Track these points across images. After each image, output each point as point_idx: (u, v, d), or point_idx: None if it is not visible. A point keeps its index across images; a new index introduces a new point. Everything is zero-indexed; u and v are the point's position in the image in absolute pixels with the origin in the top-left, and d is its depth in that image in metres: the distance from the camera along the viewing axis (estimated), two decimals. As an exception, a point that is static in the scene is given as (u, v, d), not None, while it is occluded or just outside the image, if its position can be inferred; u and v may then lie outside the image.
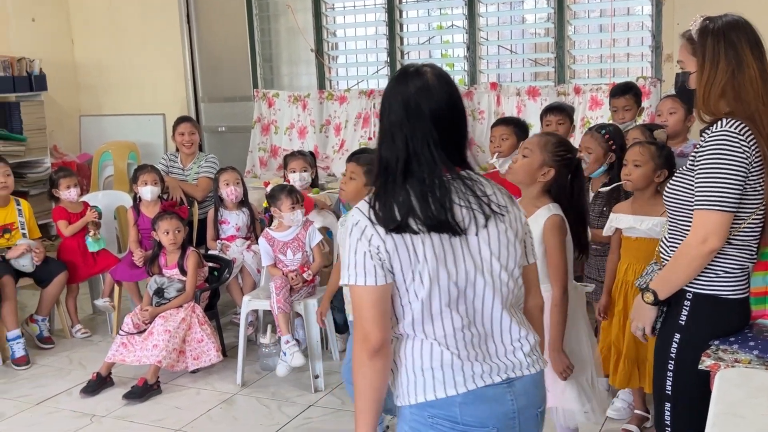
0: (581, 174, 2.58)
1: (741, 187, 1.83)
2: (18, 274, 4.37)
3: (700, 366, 1.81)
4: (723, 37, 1.91)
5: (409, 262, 1.41)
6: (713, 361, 1.75)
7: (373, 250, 1.40)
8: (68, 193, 4.70)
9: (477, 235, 1.46)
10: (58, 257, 4.67)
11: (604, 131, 3.54)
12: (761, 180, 1.86)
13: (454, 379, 1.44)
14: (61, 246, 4.73)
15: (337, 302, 3.99)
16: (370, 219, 1.42)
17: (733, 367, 1.71)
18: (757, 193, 1.86)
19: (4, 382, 4.06)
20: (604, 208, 3.22)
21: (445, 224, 1.40)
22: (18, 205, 4.55)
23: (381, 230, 1.39)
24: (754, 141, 1.81)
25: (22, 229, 4.50)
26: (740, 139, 1.81)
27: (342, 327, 4.19)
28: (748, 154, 1.81)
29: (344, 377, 3.10)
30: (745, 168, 1.82)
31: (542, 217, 2.44)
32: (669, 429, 2.08)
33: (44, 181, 5.52)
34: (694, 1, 4.55)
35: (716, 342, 1.84)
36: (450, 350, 1.45)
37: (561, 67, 5.19)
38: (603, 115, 4.81)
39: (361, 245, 1.41)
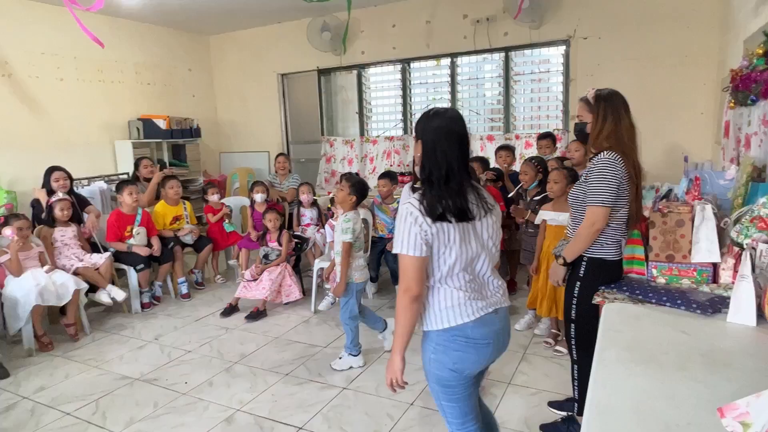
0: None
1: (616, 192, 1.86)
2: (183, 245, 4.52)
3: (593, 301, 1.83)
4: (608, 101, 1.93)
5: (444, 240, 1.41)
6: (601, 299, 1.78)
7: (422, 233, 1.38)
8: (213, 198, 4.83)
9: (480, 222, 1.48)
10: (207, 235, 4.75)
11: (535, 161, 3.61)
12: (627, 188, 1.90)
13: (467, 312, 1.45)
14: (209, 229, 4.81)
15: (372, 262, 4.09)
16: (421, 211, 1.40)
17: (613, 302, 1.72)
18: (625, 195, 1.91)
19: (177, 308, 4.17)
20: (537, 207, 3.22)
21: (465, 216, 1.43)
22: (184, 204, 4.64)
23: (429, 219, 1.39)
24: (623, 165, 1.86)
25: (186, 219, 4.60)
26: (616, 164, 1.86)
27: (374, 278, 4.18)
28: (621, 173, 1.86)
29: (342, 320, 3.03)
30: (618, 180, 1.86)
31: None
32: (573, 340, 2.08)
33: (199, 191, 5.61)
34: (588, 82, 4.60)
35: (603, 287, 1.85)
36: (464, 293, 1.46)
37: (507, 123, 5.20)
38: (533, 152, 4.87)
39: (414, 229, 1.39)
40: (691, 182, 2.25)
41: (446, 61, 5.45)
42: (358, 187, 2.96)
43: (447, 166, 1.42)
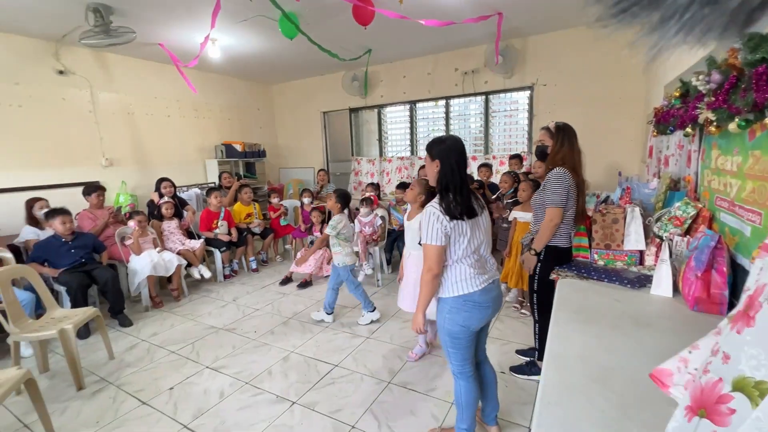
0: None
1: (566, 196, 1.85)
2: (253, 234, 4.51)
3: (550, 277, 1.80)
4: (564, 131, 1.91)
5: (459, 232, 1.42)
6: (556, 275, 1.75)
7: (442, 228, 1.39)
8: (274, 200, 4.87)
9: (480, 218, 1.50)
10: (270, 226, 4.74)
11: (512, 174, 3.60)
12: (574, 194, 1.89)
13: (475, 283, 1.46)
14: (271, 222, 4.80)
15: (386, 246, 4.08)
16: (441, 212, 1.40)
17: (565, 278, 1.70)
18: (573, 199, 1.90)
19: (248, 278, 4.16)
20: (510, 207, 3.17)
21: (472, 214, 1.45)
22: (254, 205, 4.66)
23: (447, 218, 1.40)
24: (571, 177, 1.86)
25: (255, 215, 4.61)
26: (566, 176, 1.85)
27: (388, 260, 4.11)
28: (569, 183, 1.85)
29: (350, 292, 2.98)
30: (567, 188, 1.85)
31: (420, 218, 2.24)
32: (535, 306, 2.05)
33: (264, 195, 5.64)
34: (548, 117, 4.54)
35: (557, 267, 1.81)
36: (473, 270, 1.46)
37: (486, 146, 5.15)
38: (506, 168, 4.81)
39: (437, 225, 1.39)
40: (624, 191, 2.22)
41: (442, 102, 5.40)
42: (342, 198, 3.01)
43: (459, 177, 1.44)
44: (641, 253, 1.80)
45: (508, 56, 4.46)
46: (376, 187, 4.68)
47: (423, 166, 3.97)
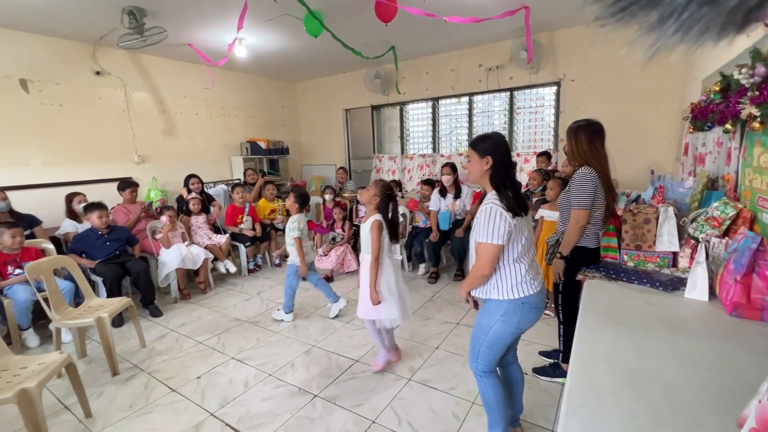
0: (395, 201, 2.24)
1: (592, 197, 1.79)
2: (276, 230, 4.56)
3: (576, 278, 1.75)
4: (579, 130, 1.84)
5: (520, 230, 1.37)
6: (583, 276, 1.70)
7: (506, 225, 1.32)
8: (297, 197, 5.02)
9: (528, 216, 1.44)
10: None
11: (542, 172, 3.53)
12: (601, 195, 1.83)
13: (533, 285, 1.41)
14: None
15: (416, 242, 4.02)
16: (504, 209, 1.33)
17: (592, 279, 1.66)
18: (600, 200, 1.83)
19: (271, 273, 4.22)
20: (538, 206, 3.07)
21: (526, 213, 1.40)
22: (278, 201, 4.76)
23: (510, 214, 1.33)
24: (596, 177, 1.80)
25: (279, 211, 4.70)
26: (591, 176, 1.79)
27: (419, 256, 4.00)
28: (595, 183, 1.78)
29: (286, 285, 2.97)
30: (593, 188, 1.79)
31: (371, 221, 2.13)
32: (560, 306, 2.01)
33: (287, 192, 5.85)
34: (575, 113, 4.42)
35: (584, 268, 1.76)
36: (530, 271, 1.41)
37: (510, 143, 5.06)
38: (531, 166, 4.73)
39: (500, 223, 1.31)
40: (656, 190, 2.13)
41: (465, 99, 5.34)
42: (300, 197, 2.95)
43: (512, 173, 1.41)
44: (674, 254, 1.73)
45: (535, 51, 4.35)
46: (397, 184, 4.68)
47: (446, 164, 3.95)
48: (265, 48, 4.59)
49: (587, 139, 1.82)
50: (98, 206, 3.23)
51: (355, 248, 4.30)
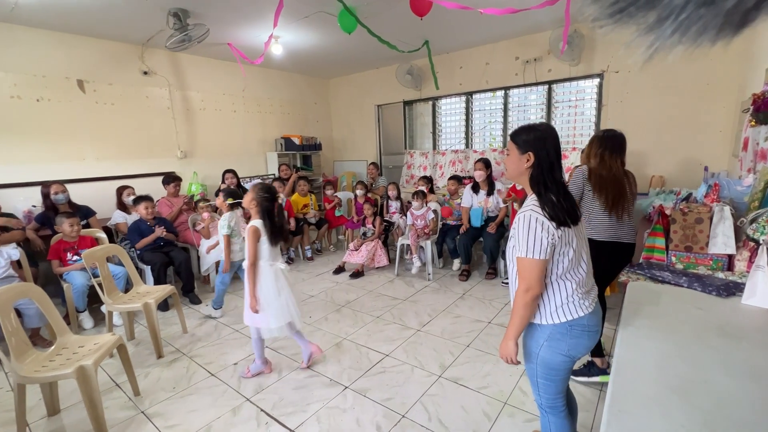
0: (281, 207, 2.17)
1: (578, 189, 1.95)
2: (309, 224, 4.66)
3: (619, 280, 1.69)
4: (591, 144, 1.94)
5: (566, 241, 1.14)
6: (626, 278, 1.65)
7: (549, 237, 1.11)
8: (329, 192, 5.01)
9: (581, 223, 1.23)
10: (325, 217, 4.87)
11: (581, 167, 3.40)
12: (591, 189, 1.97)
13: (584, 304, 1.19)
14: (326, 213, 4.93)
15: (448, 238, 3.99)
16: (546, 217, 1.12)
17: (635, 281, 1.61)
18: (591, 193, 1.97)
19: (304, 266, 4.32)
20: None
21: (576, 221, 1.18)
22: (310, 196, 4.82)
23: (554, 224, 1.12)
24: (583, 173, 1.97)
25: (311, 206, 4.76)
26: (580, 172, 1.96)
27: (453, 252, 3.98)
28: (583, 178, 1.96)
29: (217, 283, 3.01)
30: (581, 183, 1.95)
31: (248, 226, 2.04)
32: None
33: (320, 187, 5.83)
34: (619, 107, 4.21)
35: (627, 268, 1.69)
36: (580, 288, 1.19)
37: (547, 139, 4.92)
38: (568, 162, 4.56)
39: (541, 234, 1.11)
40: (710, 188, 1.99)
41: (500, 93, 5.19)
42: (229, 195, 2.85)
43: (558, 174, 1.18)
44: (730, 257, 1.61)
45: (575, 42, 4.16)
46: (428, 180, 4.63)
47: (480, 160, 3.87)
48: (300, 45, 4.67)
49: (599, 151, 1.93)
50: (145, 198, 3.43)
51: (386, 244, 4.32)
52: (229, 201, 2.85)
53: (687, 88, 3.80)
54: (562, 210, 1.14)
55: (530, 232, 1.12)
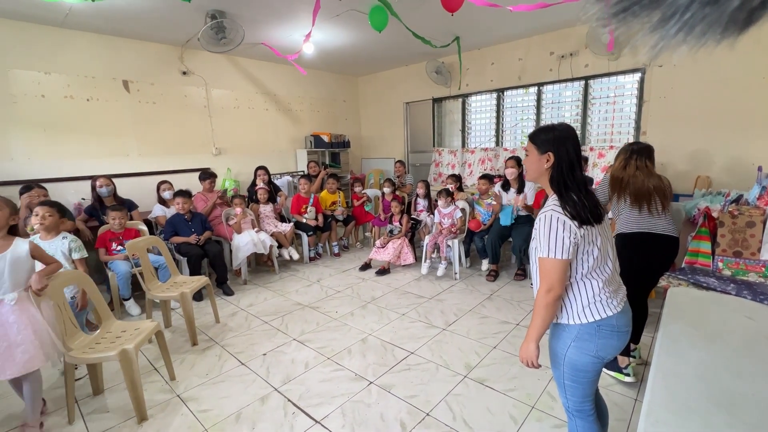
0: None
1: (604, 192, 2.05)
2: (337, 220, 4.72)
3: (659, 285, 1.63)
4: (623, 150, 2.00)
5: (588, 241, 1.13)
6: (666, 282, 1.59)
7: (571, 236, 1.10)
8: (357, 189, 5.06)
9: (605, 222, 1.21)
10: (352, 214, 4.92)
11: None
12: (611, 190, 2.07)
13: (613, 303, 1.16)
14: (354, 210, 4.98)
15: (476, 237, 3.98)
16: (567, 217, 1.11)
17: (677, 287, 1.55)
18: (613, 193, 2.07)
19: (331, 262, 4.39)
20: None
21: (599, 219, 1.16)
22: (338, 193, 4.88)
23: (576, 223, 1.11)
24: (607, 179, 2.12)
25: (339, 203, 4.83)
26: (603, 179, 2.09)
27: (481, 252, 3.92)
28: (605, 182, 2.08)
29: None
30: (606, 186, 2.05)
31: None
32: None
33: (347, 184, 5.99)
34: (661, 103, 4.00)
35: (668, 273, 1.62)
36: (607, 287, 1.16)
37: (583, 137, 4.71)
38: (605, 161, 4.38)
39: (563, 233, 1.10)
40: (764, 189, 1.85)
41: (533, 90, 5.04)
42: (61, 211, 2.46)
43: (579, 174, 1.17)
44: (786, 264, 1.50)
45: (615, 36, 3.97)
46: (457, 178, 4.58)
47: (511, 157, 3.79)
48: (331, 44, 4.72)
49: (622, 156, 2.00)
50: (183, 193, 3.59)
51: (412, 241, 4.30)
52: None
53: (739, 81, 3.55)
54: (584, 208, 1.12)
55: (552, 231, 1.11)
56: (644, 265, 1.77)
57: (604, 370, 2.02)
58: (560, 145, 1.16)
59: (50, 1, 3.08)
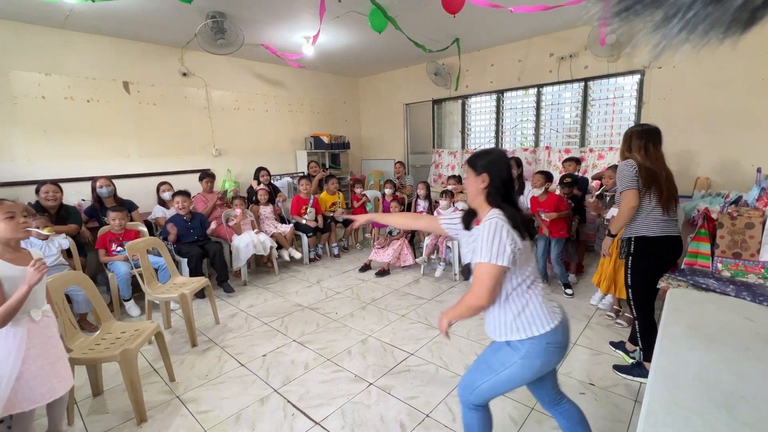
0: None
1: (634, 181, 1.82)
2: (336, 222, 4.71)
3: (657, 286, 1.62)
4: (625, 137, 1.91)
5: (525, 252, 1.18)
6: (665, 284, 1.57)
7: (513, 244, 1.13)
8: (357, 190, 5.04)
9: (532, 240, 1.25)
10: (352, 215, 5.05)
11: (616, 168, 3.27)
12: (643, 183, 1.86)
13: (551, 317, 1.18)
14: (353, 211, 4.96)
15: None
16: (511, 225, 1.15)
17: (676, 288, 1.54)
18: (648, 187, 1.87)
19: (331, 263, 4.38)
20: (611, 206, 2.90)
21: (532, 237, 1.23)
22: (338, 194, 4.89)
23: (517, 233, 1.16)
24: (633, 165, 1.86)
25: (339, 204, 4.84)
26: (629, 164, 1.86)
27: None
28: (634, 168, 1.85)
29: None
30: (632, 173, 1.83)
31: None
32: (632, 301, 1.92)
33: (347, 186, 5.99)
34: (661, 104, 4.00)
35: (667, 275, 1.61)
36: (543, 300, 1.20)
37: (582, 138, 4.73)
38: (604, 162, 4.38)
39: (507, 240, 1.12)
40: (764, 190, 1.86)
41: (533, 91, 5.06)
42: None
43: (513, 195, 1.23)
44: (785, 266, 1.50)
45: (617, 37, 3.98)
46: (457, 179, 4.58)
47: (511, 158, 3.79)
48: (331, 45, 4.73)
49: (641, 143, 1.85)
50: (182, 193, 3.60)
51: (412, 243, 4.30)
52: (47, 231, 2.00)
53: (739, 83, 3.56)
54: (523, 223, 1.18)
55: (495, 236, 1.13)
56: (658, 270, 1.74)
57: (632, 377, 2.05)
58: (494, 167, 1.23)
59: (51, 1, 3.08)
